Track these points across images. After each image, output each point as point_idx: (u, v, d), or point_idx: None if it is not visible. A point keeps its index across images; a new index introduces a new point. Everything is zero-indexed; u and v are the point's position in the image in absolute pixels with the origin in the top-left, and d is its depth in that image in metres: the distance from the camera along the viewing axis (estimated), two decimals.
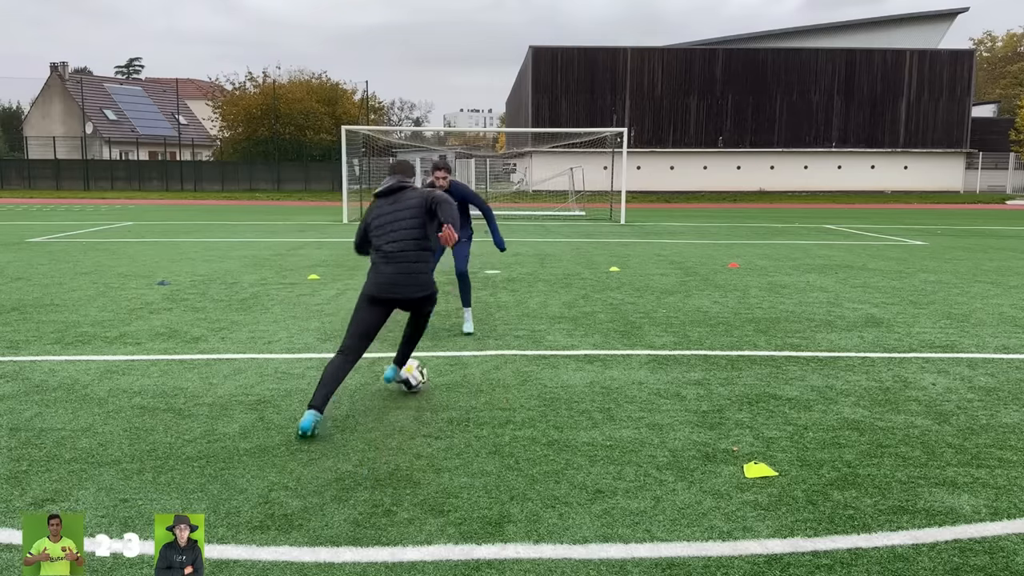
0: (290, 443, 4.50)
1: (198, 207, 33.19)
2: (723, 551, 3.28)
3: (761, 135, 49.08)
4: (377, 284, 4.97)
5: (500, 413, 5.05)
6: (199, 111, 64.39)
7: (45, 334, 7.35)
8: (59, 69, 59.06)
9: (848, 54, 48.50)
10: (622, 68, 48.30)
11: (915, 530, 3.48)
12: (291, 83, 54.77)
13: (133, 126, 60.23)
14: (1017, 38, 75.85)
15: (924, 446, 4.51)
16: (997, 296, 9.87)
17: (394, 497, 3.78)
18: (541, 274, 11.68)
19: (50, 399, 5.30)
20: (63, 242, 16.56)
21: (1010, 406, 5.27)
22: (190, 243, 16.67)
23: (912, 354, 6.73)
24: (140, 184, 47.98)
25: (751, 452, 4.39)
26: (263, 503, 3.71)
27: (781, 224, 24.00)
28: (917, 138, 49.21)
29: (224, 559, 3.19)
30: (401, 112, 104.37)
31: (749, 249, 15.88)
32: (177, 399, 5.32)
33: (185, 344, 6.97)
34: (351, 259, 13.69)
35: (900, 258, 14.23)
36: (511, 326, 7.74)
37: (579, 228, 21.87)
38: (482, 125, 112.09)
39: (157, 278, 11.02)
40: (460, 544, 3.33)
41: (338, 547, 3.30)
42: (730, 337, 7.37)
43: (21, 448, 4.39)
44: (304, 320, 8.09)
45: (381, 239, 5.00)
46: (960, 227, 22.77)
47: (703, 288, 10.39)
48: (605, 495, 3.81)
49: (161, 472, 4.07)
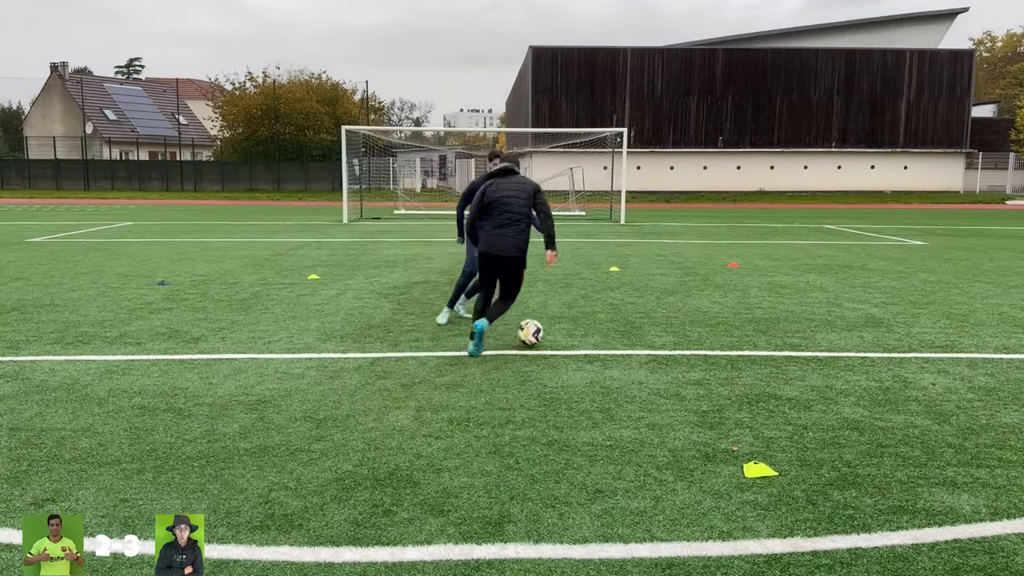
0: (290, 443, 4.50)
1: (198, 207, 33.19)
2: (723, 551, 3.28)
3: (761, 135, 49.07)
4: (488, 243, 6.60)
5: (500, 413, 5.06)
6: (199, 111, 64.40)
7: (45, 334, 7.35)
8: (59, 69, 59.06)
9: (848, 54, 48.49)
10: (622, 68, 48.29)
11: (915, 530, 3.48)
12: (291, 83, 54.80)
13: (133, 126, 60.24)
14: (1017, 38, 75.86)
15: (924, 446, 4.51)
16: (997, 296, 9.87)
17: (394, 497, 3.79)
18: (541, 274, 11.67)
19: (50, 399, 5.30)
20: (63, 242, 16.56)
21: (1010, 406, 5.27)
22: (190, 243, 16.67)
23: (912, 354, 6.73)
24: (140, 184, 48.00)
25: (751, 452, 4.40)
26: (263, 503, 3.71)
27: (781, 224, 24.01)
28: (917, 138, 49.20)
29: (224, 559, 3.19)
30: (401, 112, 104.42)
31: (749, 249, 15.88)
32: (177, 399, 5.32)
33: (185, 344, 6.97)
34: (351, 259, 13.69)
35: (900, 258, 14.23)
36: (511, 326, 7.74)
37: (579, 228, 21.88)
38: (482, 125, 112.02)
39: (157, 278, 11.02)
40: (460, 544, 3.33)
41: (338, 547, 3.30)
42: (730, 337, 7.38)
43: (21, 448, 4.39)
44: (304, 320, 8.09)
45: (497, 210, 6.57)
46: (960, 227, 22.77)
47: (703, 288, 10.39)
48: (605, 495, 3.81)
49: (161, 472, 4.07)
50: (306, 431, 4.70)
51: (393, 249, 14.88)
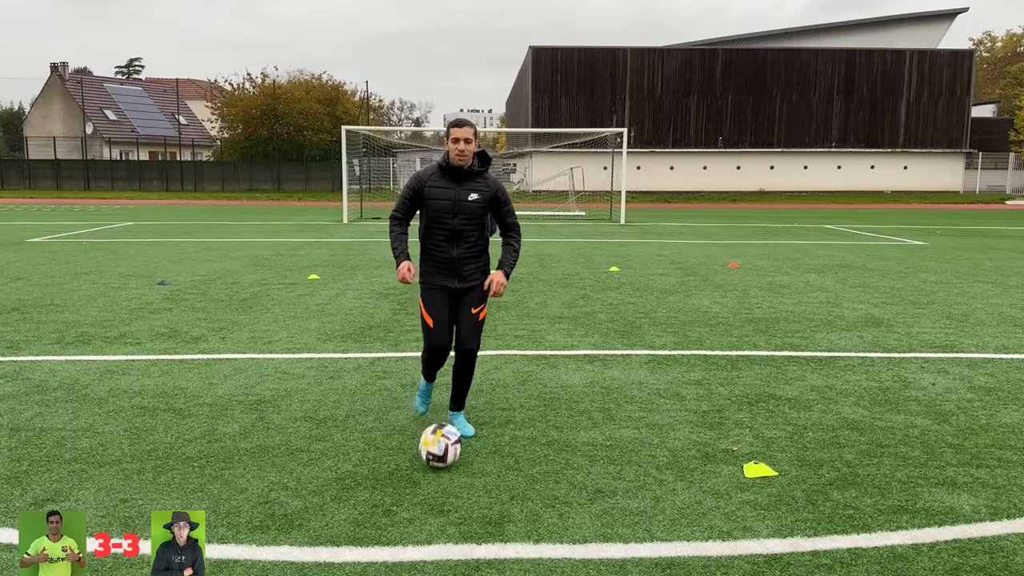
0: (290, 443, 4.50)
1: (198, 207, 33.19)
2: (723, 551, 3.28)
3: (761, 135, 49.08)
4: None
5: (500, 413, 5.06)
6: (199, 111, 64.37)
7: (45, 334, 7.35)
8: (59, 69, 59.03)
9: (848, 54, 48.50)
10: (622, 68, 48.30)
11: (915, 530, 3.48)
12: (291, 83, 54.77)
13: (133, 126, 60.21)
14: (1016, 38, 75.87)
15: (924, 446, 4.51)
16: (997, 296, 9.87)
17: (394, 497, 3.79)
18: (541, 274, 11.67)
19: (50, 399, 5.30)
20: (63, 242, 16.56)
21: (1009, 406, 5.27)
22: (190, 243, 16.67)
23: (912, 354, 6.73)
24: (140, 184, 47.98)
25: (751, 452, 4.39)
26: (263, 503, 3.71)
27: (781, 224, 24.00)
28: (917, 138, 49.21)
29: (224, 559, 3.19)
30: (401, 112, 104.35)
31: (749, 249, 15.88)
32: (177, 399, 5.32)
33: (185, 344, 6.97)
34: (351, 259, 13.69)
35: (900, 258, 14.23)
36: (511, 326, 7.74)
37: (579, 228, 21.87)
38: (482, 125, 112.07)
39: (157, 278, 11.02)
40: (460, 544, 3.33)
41: (338, 547, 3.30)
42: (730, 337, 7.38)
43: (21, 448, 4.39)
44: (304, 320, 8.09)
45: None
46: (960, 227, 22.77)
47: (703, 288, 10.39)
48: (605, 495, 3.81)
49: (161, 472, 4.07)
50: (306, 431, 4.70)
51: None
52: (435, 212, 4.48)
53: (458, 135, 4.37)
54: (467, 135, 4.38)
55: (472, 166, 4.48)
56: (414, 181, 4.56)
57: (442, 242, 4.51)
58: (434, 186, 4.48)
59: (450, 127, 4.43)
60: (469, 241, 4.52)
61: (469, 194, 4.47)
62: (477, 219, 4.52)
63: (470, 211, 4.47)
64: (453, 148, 4.40)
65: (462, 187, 4.47)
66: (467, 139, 4.38)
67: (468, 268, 4.56)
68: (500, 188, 4.58)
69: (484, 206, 4.52)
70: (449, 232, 4.49)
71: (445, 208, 4.45)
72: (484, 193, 4.50)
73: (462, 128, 4.39)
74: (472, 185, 4.49)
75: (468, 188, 4.48)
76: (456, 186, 4.47)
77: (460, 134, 4.38)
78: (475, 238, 4.55)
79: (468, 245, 4.53)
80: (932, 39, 52.68)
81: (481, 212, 4.52)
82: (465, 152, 4.39)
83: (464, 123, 4.42)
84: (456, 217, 4.46)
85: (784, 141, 49.08)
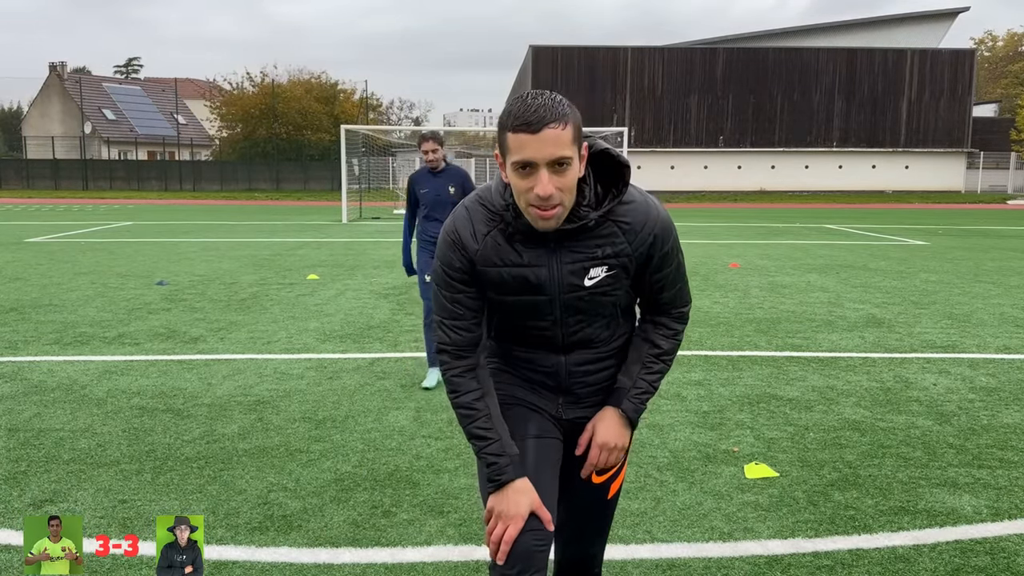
0: (289, 444, 4.49)
1: (197, 207, 33.18)
2: (724, 552, 3.27)
3: (762, 135, 49.05)
4: None
5: None
6: (198, 111, 64.36)
7: (44, 334, 7.34)
8: (58, 69, 59.02)
9: (849, 53, 48.46)
10: (622, 68, 48.28)
11: (916, 531, 3.47)
12: (290, 82, 54.76)
13: (132, 126, 60.19)
14: (1018, 38, 75.83)
15: (925, 446, 4.50)
16: (998, 296, 9.85)
17: (393, 498, 3.77)
18: None
19: (49, 399, 5.29)
20: (62, 242, 16.55)
21: (1011, 406, 5.26)
22: (189, 243, 16.66)
23: (913, 354, 6.72)
24: (139, 184, 47.95)
25: (752, 453, 4.38)
26: (262, 504, 3.70)
27: (782, 224, 23.99)
28: (918, 138, 49.17)
29: (223, 560, 3.18)
30: (400, 112, 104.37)
31: (749, 249, 15.87)
32: (176, 399, 5.31)
33: (184, 344, 6.95)
34: (350, 259, 13.68)
35: (901, 258, 14.22)
36: None
37: None
38: (482, 125, 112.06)
39: (156, 278, 11.01)
40: (460, 545, 3.32)
41: (337, 548, 3.29)
42: (731, 337, 7.36)
43: (20, 448, 4.38)
44: (303, 320, 8.08)
45: None
46: (961, 227, 22.75)
47: (703, 288, 10.37)
48: None
49: (160, 473, 4.06)
50: (305, 432, 4.69)
51: (393, 249, 14.86)
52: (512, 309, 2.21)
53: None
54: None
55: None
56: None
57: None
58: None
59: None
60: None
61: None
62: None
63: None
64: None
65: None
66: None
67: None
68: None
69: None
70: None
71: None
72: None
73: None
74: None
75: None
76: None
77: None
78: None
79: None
80: (933, 38, 52.65)
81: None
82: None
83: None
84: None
85: (785, 140, 49.04)
